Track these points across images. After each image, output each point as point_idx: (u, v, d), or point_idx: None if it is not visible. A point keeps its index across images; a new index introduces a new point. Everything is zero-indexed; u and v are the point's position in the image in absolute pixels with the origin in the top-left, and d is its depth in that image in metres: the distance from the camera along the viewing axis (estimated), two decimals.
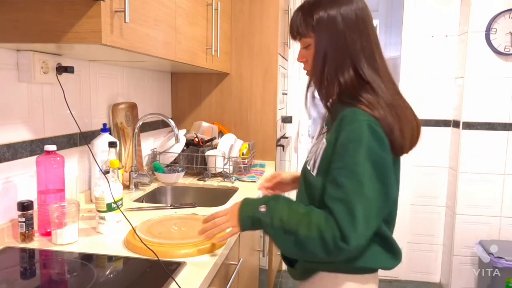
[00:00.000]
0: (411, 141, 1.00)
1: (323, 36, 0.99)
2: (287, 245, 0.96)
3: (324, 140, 1.00)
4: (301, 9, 1.03)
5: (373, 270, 1.05)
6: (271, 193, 1.30)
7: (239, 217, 1.04)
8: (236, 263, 1.39)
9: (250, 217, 1.02)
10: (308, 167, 1.05)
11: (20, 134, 1.27)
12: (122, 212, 1.28)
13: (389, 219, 1.04)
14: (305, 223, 0.93)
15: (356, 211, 0.88)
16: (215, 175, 2.11)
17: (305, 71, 1.08)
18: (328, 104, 1.04)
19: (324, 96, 1.03)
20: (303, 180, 1.08)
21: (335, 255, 0.91)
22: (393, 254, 1.03)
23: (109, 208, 1.27)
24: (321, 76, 1.01)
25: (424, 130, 3.16)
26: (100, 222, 1.28)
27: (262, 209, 1.00)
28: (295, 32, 1.04)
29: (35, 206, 1.23)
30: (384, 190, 0.92)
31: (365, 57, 0.98)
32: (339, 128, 0.95)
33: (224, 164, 2.07)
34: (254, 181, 2.02)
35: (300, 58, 1.07)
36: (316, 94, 1.07)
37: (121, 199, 1.35)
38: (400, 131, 0.94)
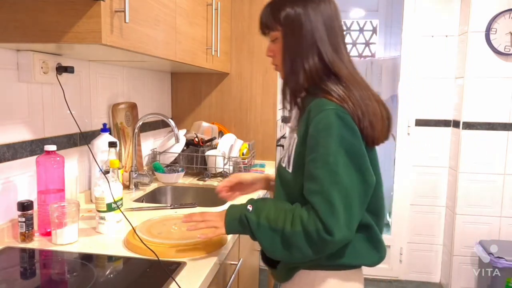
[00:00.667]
0: (382, 133, 0.99)
1: (289, 30, 1.01)
2: (274, 244, 0.95)
3: (295, 135, 1.01)
4: (269, 4, 1.06)
5: (355, 267, 1.04)
6: (231, 195, 1.29)
7: (225, 218, 1.04)
8: (236, 263, 1.39)
9: (237, 218, 1.01)
10: (283, 165, 1.06)
11: (20, 134, 1.27)
12: (122, 212, 1.28)
13: (376, 211, 1.02)
14: (290, 219, 0.93)
15: (335, 201, 0.88)
16: (215, 175, 2.11)
17: (274, 66, 1.09)
18: (298, 99, 1.05)
19: (293, 90, 1.03)
20: (279, 178, 1.08)
21: (321, 248, 0.91)
22: (376, 249, 1.02)
23: (109, 208, 1.27)
24: (288, 70, 1.03)
25: (424, 130, 3.19)
26: (100, 222, 1.28)
27: (250, 207, 1.00)
28: (264, 26, 1.07)
29: (35, 206, 1.23)
30: (361, 177, 0.91)
31: (332, 50, 1.00)
32: (308, 120, 0.95)
33: (224, 164, 2.07)
34: None
35: (268, 52, 1.08)
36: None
37: (121, 199, 1.35)
38: (370, 123, 0.94)
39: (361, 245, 1.00)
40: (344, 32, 1.07)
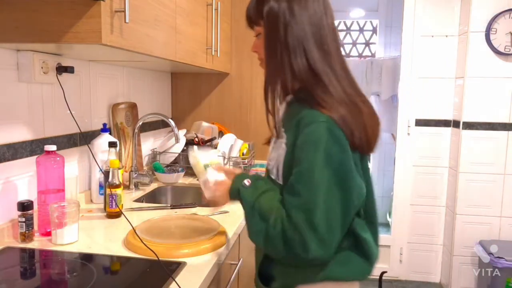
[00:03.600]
0: (374, 142, 0.95)
1: (271, 26, 0.96)
2: (259, 231, 0.93)
3: (284, 145, 0.95)
4: None
5: (348, 280, 0.98)
6: None
7: (230, 186, 1.04)
8: (236, 263, 1.39)
9: (236, 188, 1.01)
10: (273, 176, 1.00)
11: (20, 134, 1.27)
12: (121, 212, 1.27)
13: (369, 217, 0.98)
14: (275, 217, 0.90)
15: (315, 220, 0.84)
16: None
17: (260, 62, 1.06)
18: (285, 102, 1.01)
19: (273, 91, 0.98)
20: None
21: (293, 258, 0.89)
22: (366, 258, 0.96)
23: (205, 168, 1.21)
24: (270, 68, 0.99)
25: (424, 130, 3.19)
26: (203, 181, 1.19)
27: (247, 183, 0.99)
28: (248, 20, 1.04)
29: (35, 206, 1.23)
30: (345, 195, 0.87)
31: (319, 50, 0.94)
32: (297, 130, 0.90)
33: (224, 164, 2.07)
34: None
35: (253, 48, 1.05)
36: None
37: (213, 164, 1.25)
38: (362, 133, 0.90)
39: (354, 258, 0.96)
40: (337, 31, 1.01)
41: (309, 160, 0.86)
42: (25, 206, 1.17)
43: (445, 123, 2.89)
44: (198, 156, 1.23)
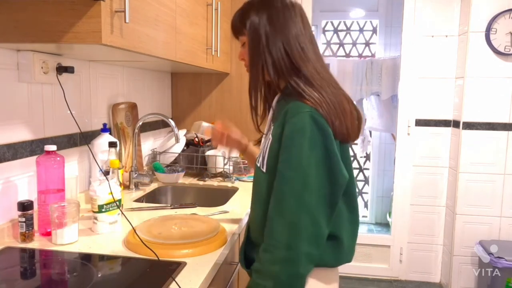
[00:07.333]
0: (353, 133, 1.02)
1: (254, 36, 1.06)
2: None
3: (270, 136, 1.02)
4: (239, 10, 1.12)
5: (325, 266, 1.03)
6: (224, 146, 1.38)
7: None
8: (236, 263, 1.39)
9: None
10: (258, 164, 1.07)
11: (20, 134, 1.27)
12: (121, 212, 1.28)
13: (351, 202, 1.03)
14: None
15: (307, 204, 0.92)
16: (215, 175, 2.11)
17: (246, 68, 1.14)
18: (275, 101, 1.10)
19: (263, 93, 1.11)
20: (255, 177, 1.10)
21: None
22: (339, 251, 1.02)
23: (100, 209, 1.27)
24: (255, 73, 1.08)
25: (424, 130, 3.19)
26: (94, 221, 1.29)
27: None
28: (233, 30, 1.16)
29: (35, 206, 1.24)
30: (331, 177, 0.94)
31: (298, 50, 1.03)
32: (284, 121, 0.97)
33: (224, 164, 2.07)
34: None
35: (239, 56, 1.16)
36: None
37: (113, 201, 1.30)
38: (342, 123, 0.98)
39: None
40: (314, 37, 1.09)
41: (297, 147, 0.93)
42: (25, 206, 1.17)
43: (445, 123, 2.88)
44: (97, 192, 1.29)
